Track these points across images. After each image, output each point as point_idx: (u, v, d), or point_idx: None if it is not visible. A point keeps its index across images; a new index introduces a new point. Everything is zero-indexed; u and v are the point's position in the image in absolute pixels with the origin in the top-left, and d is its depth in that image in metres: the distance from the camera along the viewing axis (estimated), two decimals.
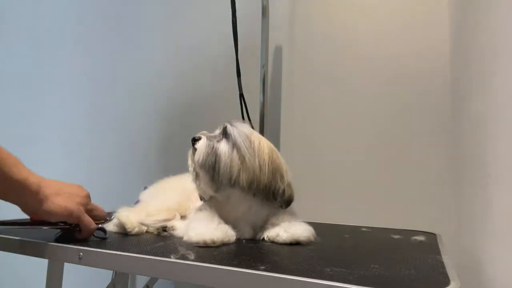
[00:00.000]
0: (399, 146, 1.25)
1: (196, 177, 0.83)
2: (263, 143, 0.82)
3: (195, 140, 0.82)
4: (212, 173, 0.78)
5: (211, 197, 0.85)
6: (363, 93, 1.32)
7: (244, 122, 0.85)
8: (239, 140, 0.79)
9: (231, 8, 1.33)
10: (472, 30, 0.90)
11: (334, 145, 1.34)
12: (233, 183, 0.78)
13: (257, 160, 0.78)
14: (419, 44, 1.25)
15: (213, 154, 0.79)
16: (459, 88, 1.09)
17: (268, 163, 0.79)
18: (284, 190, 0.80)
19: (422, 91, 1.23)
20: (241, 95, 1.35)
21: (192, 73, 1.66)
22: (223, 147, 0.80)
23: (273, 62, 1.49)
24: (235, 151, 0.79)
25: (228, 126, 0.83)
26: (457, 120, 1.12)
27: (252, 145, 0.80)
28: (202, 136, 0.82)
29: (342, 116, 1.34)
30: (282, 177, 0.80)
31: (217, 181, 0.78)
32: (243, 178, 0.77)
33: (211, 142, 0.81)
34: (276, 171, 0.80)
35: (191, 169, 0.84)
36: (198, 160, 0.79)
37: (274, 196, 0.80)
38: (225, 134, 0.82)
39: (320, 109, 1.38)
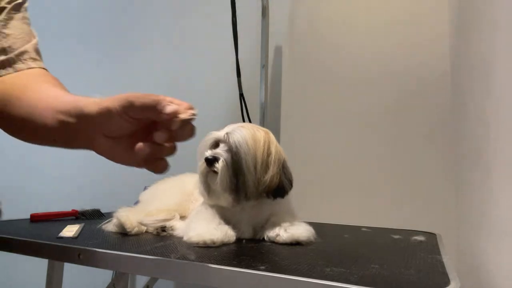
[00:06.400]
0: (400, 146, 1.25)
1: (209, 193, 0.81)
2: (259, 142, 0.79)
3: (211, 162, 0.77)
4: (236, 193, 0.77)
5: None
6: (363, 93, 1.31)
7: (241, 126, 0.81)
8: (242, 151, 0.76)
9: (231, 8, 1.33)
10: (472, 27, 0.90)
11: (334, 144, 1.34)
12: (249, 195, 0.77)
13: (259, 164, 0.78)
14: (419, 44, 1.25)
15: (235, 175, 0.76)
16: (459, 88, 1.09)
17: (262, 161, 0.78)
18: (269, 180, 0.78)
19: (422, 91, 1.23)
20: (241, 95, 1.35)
21: (192, 73, 1.66)
22: (224, 163, 0.77)
23: (273, 62, 1.49)
24: (240, 164, 0.76)
25: (229, 137, 0.79)
26: (457, 119, 1.12)
27: (252, 150, 0.78)
28: (220, 158, 0.77)
29: (342, 116, 1.34)
30: (267, 167, 0.78)
31: (238, 199, 0.78)
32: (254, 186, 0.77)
33: (228, 163, 0.76)
34: (267, 164, 0.78)
35: (202, 187, 0.82)
36: (222, 184, 0.76)
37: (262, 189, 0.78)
38: (227, 147, 0.78)
39: (320, 109, 1.38)
